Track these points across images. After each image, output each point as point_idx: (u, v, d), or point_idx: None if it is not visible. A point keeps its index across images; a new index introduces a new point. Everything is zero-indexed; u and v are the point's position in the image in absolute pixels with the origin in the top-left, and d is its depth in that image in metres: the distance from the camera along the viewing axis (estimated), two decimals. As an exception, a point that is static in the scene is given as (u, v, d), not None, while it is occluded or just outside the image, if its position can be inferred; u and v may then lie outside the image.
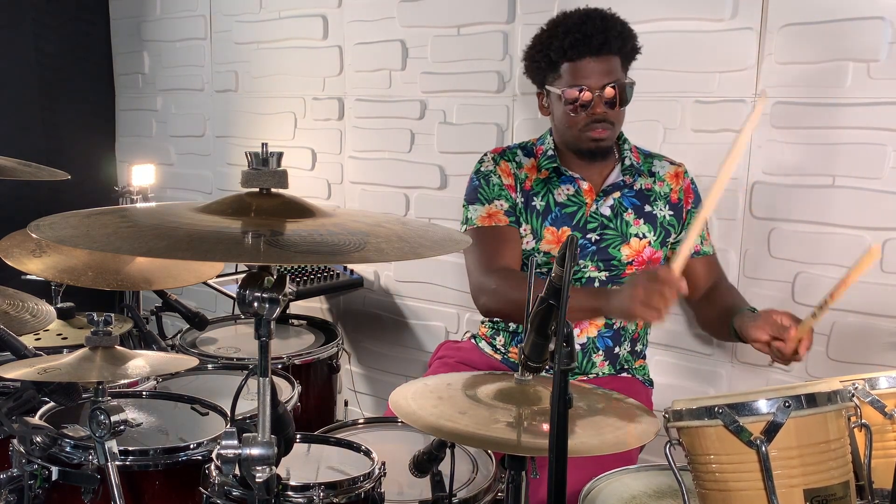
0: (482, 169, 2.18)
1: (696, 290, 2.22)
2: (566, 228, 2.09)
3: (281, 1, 3.37)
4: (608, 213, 2.12)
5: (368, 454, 1.65)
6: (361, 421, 1.97)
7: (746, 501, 1.24)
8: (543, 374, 1.47)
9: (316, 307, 3.38)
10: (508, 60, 2.77)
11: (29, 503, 1.59)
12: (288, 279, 1.19)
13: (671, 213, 2.16)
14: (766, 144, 2.32)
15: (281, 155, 1.24)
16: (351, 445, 1.71)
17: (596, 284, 2.10)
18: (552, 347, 1.20)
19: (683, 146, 2.45)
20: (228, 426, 1.22)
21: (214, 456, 1.27)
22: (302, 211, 1.23)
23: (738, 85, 2.34)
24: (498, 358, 2.21)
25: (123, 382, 1.96)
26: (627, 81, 2.04)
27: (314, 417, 2.39)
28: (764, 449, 1.21)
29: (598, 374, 2.14)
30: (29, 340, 2.05)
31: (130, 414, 1.79)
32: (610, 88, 2.00)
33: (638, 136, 2.46)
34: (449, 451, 1.49)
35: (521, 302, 1.94)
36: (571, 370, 1.14)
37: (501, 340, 2.22)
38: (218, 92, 3.70)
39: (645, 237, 2.12)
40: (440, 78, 2.95)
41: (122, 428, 1.52)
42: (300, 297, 3.04)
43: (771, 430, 1.21)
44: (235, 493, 1.47)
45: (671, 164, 2.23)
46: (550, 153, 2.14)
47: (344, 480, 1.52)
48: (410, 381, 1.60)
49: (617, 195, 2.13)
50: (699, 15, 2.38)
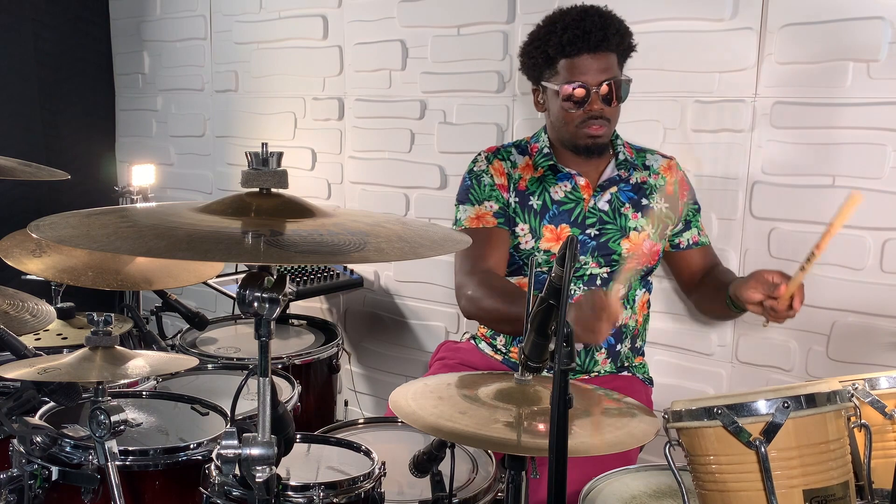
0: (475, 169, 2.18)
1: (693, 278, 2.25)
2: (564, 225, 2.10)
3: (281, 1, 3.37)
4: (606, 207, 2.13)
5: (368, 454, 1.65)
6: (361, 421, 1.97)
7: (746, 502, 1.24)
8: (543, 374, 1.47)
9: (316, 307, 3.38)
10: (508, 60, 2.77)
11: (29, 503, 1.59)
12: (288, 279, 1.19)
13: (667, 205, 2.17)
14: (766, 144, 2.32)
15: (281, 155, 1.24)
16: (351, 445, 1.71)
17: (598, 282, 2.10)
18: (552, 347, 1.20)
19: (683, 146, 2.45)
20: (228, 426, 1.22)
21: (214, 456, 1.27)
22: (302, 211, 1.23)
23: (738, 85, 2.34)
24: (498, 358, 2.21)
25: (123, 382, 1.96)
26: (624, 78, 2.05)
27: (314, 417, 2.39)
28: (763, 449, 1.21)
29: (599, 371, 2.14)
30: (29, 340, 2.05)
31: (130, 414, 1.79)
32: (606, 85, 2.00)
33: (638, 136, 2.45)
34: (449, 451, 1.49)
35: (493, 312, 1.97)
36: (571, 370, 1.14)
37: (502, 340, 2.21)
38: (218, 92, 3.70)
39: (644, 230, 2.13)
40: (440, 78, 2.95)
41: (122, 428, 1.52)
42: (300, 297, 3.04)
43: (770, 430, 1.21)
44: (235, 493, 1.47)
45: (663, 157, 2.25)
46: (546, 150, 2.14)
47: (344, 480, 1.52)
48: (410, 381, 1.60)
49: (614, 190, 2.14)
50: (699, 15, 2.38)
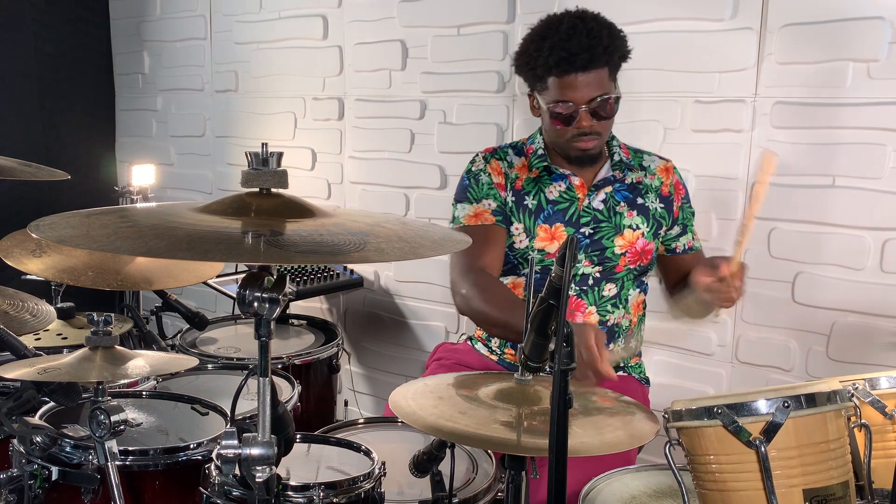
0: (473, 169, 2.19)
1: (681, 281, 2.23)
2: (559, 224, 2.10)
3: (281, 1, 3.37)
4: (601, 206, 2.12)
5: (368, 454, 1.65)
6: (361, 421, 1.97)
7: (746, 501, 1.24)
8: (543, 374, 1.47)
9: (316, 307, 3.38)
10: (508, 60, 2.77)
11: (29, 503, 1.59)
12: (288, 279, 1.19)
13: (662, 205, 2.16)
14: (766, 144, 2.32)
15: (281, 155, 1.24)
16: (351, 445, 1.71)
17: (590, 282, 2.09)
18: (552, 347, 1.20)
19: (683, 146, 2.45)
20: (228, 426, 1.21)
21: (214, 456, 1.27)
22: (302, 211, 1.22)
23: (738, 85, 2.34)
24: (494, 359, 2.21)
25: (123, 382, 1.95)
26: (614, 95, 2.00)
27: (314, 417, 2.39)
28: (763, 449, 1.21)
29: None
30: (29, 340, 2.05)
31: (130, 414, 1.79)
32: (595, 102, 1.98)
33: (638, 136, 2.46)
34: (449, 451, 1.49)
35: (482, 314, 1.98)
36: (571, 370, 1.14)
37: (496, 342, 2.21)
38: (218, 92, 3.70)
39: (638, 228, 2.12)
40: (440, 78, 2.95)
41: (122, 428, 1.52)
42: (300, 297, 3.04)
43: (770, 430, 1.21)
44: (235, 493, 1.47)
45: (660, 158, 2.22)
46: (541, 152, 2.14)
47: (344, 480, 1.52)
48: (410, 381, 1.60)
49: (609, 189, 2.13)
50: (699, 15, 2.38)
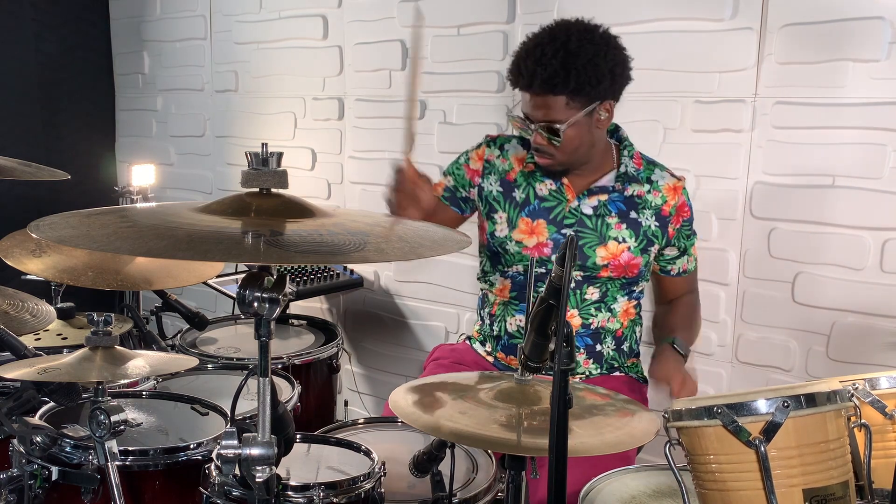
0: (468, 148, 2.26)
1: (668, 299, 2.25)
2: (542, 221, 2.09)
3: (281, 1, 3.37)
4: (589, 212, 2.08)
5: (368, 454, 1.65)
6: (361, 421, 1.97)
7: (746, 501, 1.24)
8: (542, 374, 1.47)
9: (316, 307, 3.38)
10: (508, 61, 2.75)
11: (29, 503, 1.59)
12: (288, 279, 1.19)
13: (657, 224, 2.09)
14: (766, 144, 2.32)
15: (281, 155, 1.24)
16: (351, 445, 1.71)
17: (571, 284, 2.08)
18: (552, 347, 1.20)
19: (683, 146, 2.45)
20: (228, 426, 1.22)
21: (214, 456, 1.27)
22: (302, 211, 1.22)
23: (738, 85, 2.34)
24: (490, 360, 2.21)
25: (123, 382, 1.95)
26: (565, 125, 1.94)
27: (314, 417, 2.39)
28: (763, 449, 1.21)
29: (587, 373, 2.13)
30: (29, 340, 2.05)
31: (130, 414, 1.79)
32: (543, 126, 1.96)
33: (638, 136, 2.45)
34: (449, 451, 1.49)
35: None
36: (571, 370, 1.14)
37: (489, 346, 2.21)
38: (218, 92, 3.70)
39: (625, 241, 2.07)
40: (440, 78, 2.95)
41: (122, 428, 1.52)
42: (300, 297, 3.04)
43: (770, 429, 1.21)
44: (235, 493, 1.47)
45: (672, 176, 2.13)
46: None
47: (344, 480, 1.52)
48: (410, 381, 1.60)
49: (604, 197, 2.09)
50: (699, 15, 2.38)
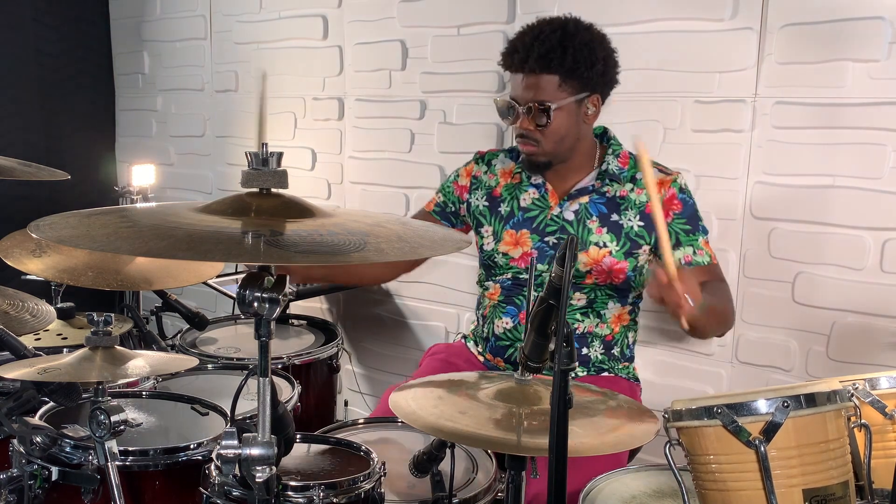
0: (460, 166, 2.28)
1: None
2: (525, 231, 2.10)
3: (281, 1, 3.37)
4: (571, 217, 2.07)
5: (368, 454, 1.65)
6: (361, 421, 1.97)
7: (746, 501, 1.24)
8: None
9: (316, 307, 3.38)
10: (508, 60, 2.76)
11: (29, 503, 1.59)
12: (288, 279, 1.19)
13: (641, 223, 2.04)
14: (766, 144, 2.32)
15: (281, 155, 1.24)
16: (351, 445, 1.71)
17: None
18: (552, 347, 1.20)
19: (683, 146, 2.45)
20: (228, 426, 1.21)
21: (214, 456, 1.27)
22: (302, 211, 1.22)
23: (738, 85, 2.34)
24: (481, 360, 2.20)
25: (123, 382, 1.95)
26: (555, 105, 1.95)
27: (314, 417, 2.39)
28: (763, 449, 1.21)
29: (573, 375, 2.11)
30: (29, 340, 2.05)
31: (130, 414, 1.78)
32: (530, 106, 1.96)
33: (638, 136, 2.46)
34: (449, 451, 1.49)
35: None
36: (571, 370, 1.14)
37: (480, 346, 2.21)
38: (218, 92, 3.70)
39: (606, 246, 2.03)
40: (440, 78, 2.95)
41: (122, 428, 1.52)
42: (300, 297, 3.04)
43: (770, 430, 1.21)
44: (235, 493, 1.47)
45: (661, 171, 2.06)
46: (523, 157, 2.14)
47: (344, 480, 1.52)
48: (410, 381, 1.60)
49: (584, 200, 2.06)
50: (699, 15, 2.38)
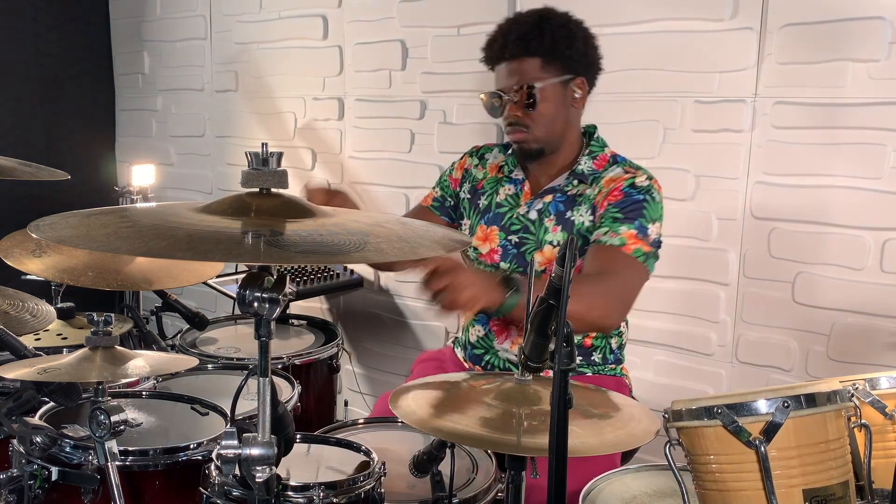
0: (455, 160, 2.29)
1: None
2: (494, 227, 2.10)
3: (281, 1, 3.37)
4: (534, 217, 2.04)
5: (368, 454, 1.65)
6: (361, 421, 1.97)
7: (746, 501, 1.24)
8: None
9: (316, 307, 3.38)
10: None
11: (29, 503, 1.59)
12: (288, 279, 1.19)
13: (591, 218, 1.97)
14: (766, 144, 2.32)
15: (281, 155, 1.24)
16: (351, 445, 1.71)
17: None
18: (552, 347, 1.20)
19: (683, 146, 2.45)
20: (228, 426, 1.21)
21: (214, 456, 1.27)
22: (302, 211, 1.22)
23: (738, 85, 2.34)
24: (466, 366, 2.19)
25: (123, 382, 1.95)
26: (539, 84, 1.92)
27: (314, 417, 2.39)
28: (763, 449, 1.21)
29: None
30: (29, 340, 2.05)
31: (130, 414, 1.78)
32: (518, 90, 1.95)
33: (638, 136, 2.46)
34: (449, 451, 1.49)
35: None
36: (572, 370, 1.14)
37: (461, 353, 2.20)
38: (218, 92, 3.70)
39: (558, 245, 1.99)
40: (440, 78, 2.95)
41: (122, 428, 1.52)
42: (300, 297, 3.04)
43: (770, 430, 1.21)
44: (235, 493, 1.47)
45: (625, 171, 1.98)
46: (510, 151, 2.15)
47: (344, 480, 1.52)
48: (410, 381, 1.60)
49: (549, 199, 2.04)
50: (699, 15, 2.38)
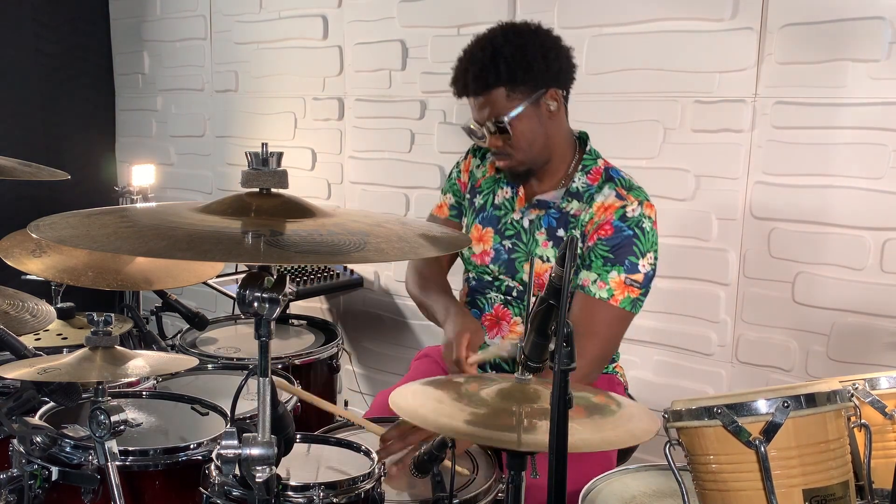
0: (458, 160, 2.24)
1: None
2: (490, 229, 2.09)
3: (281, 1, 3.37)
4: (527, 225, 2.04)
5: (368, 454, 1.65)
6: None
7: (746, 501, 1.24)
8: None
9: (316, 307, 3.38)
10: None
11: (29, 503, 1.59)
12: (288, 279, 1.19)
13: (580, 245, 1.97)
14: (766, 144, 2.32)
15: (281, 155, 1.24)
16: (351, 445, 1.71)
17: (514, 293, 2.05)
18: (552, 347, 1.20)
19: (683, 146, 2.45)
20: (228, 426, 1.22)
21: (214, 456, 1.27)
22: (302, 211, 1.22)
23: (738, 85, 2.34)
24: None
25: (123, 382, 1.95)
26: (507, 117, 1.90)
27: (314, 417, 2.39)
28: (763, 449, 1.21)
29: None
30: (29, 340, 2.05)
31: (130, 414, 1.78)
32: (491, 124, 1.93)
33: (638, 136, 2.46)
34: (449, 451, 1.49)
35: (415, 296, 2.17)
36: (572, 370, 1.14)
37: None
38: (218, 92, 3.70)
39: (549, 261, 1.99)
40: (440, 78, 2.95)
41: (122, 428, 1.51)
42: (300, 297, 3.04)
43: (770, 430, 1.21)
44: (235, 493, 1.47)
45: (618, 196, 1.94)
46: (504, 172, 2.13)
47: (344, 480, 1.52)
48: (406, 378, 1.60)
49: (542, 212, 2.03)
50: (699, 15, 2.38)
